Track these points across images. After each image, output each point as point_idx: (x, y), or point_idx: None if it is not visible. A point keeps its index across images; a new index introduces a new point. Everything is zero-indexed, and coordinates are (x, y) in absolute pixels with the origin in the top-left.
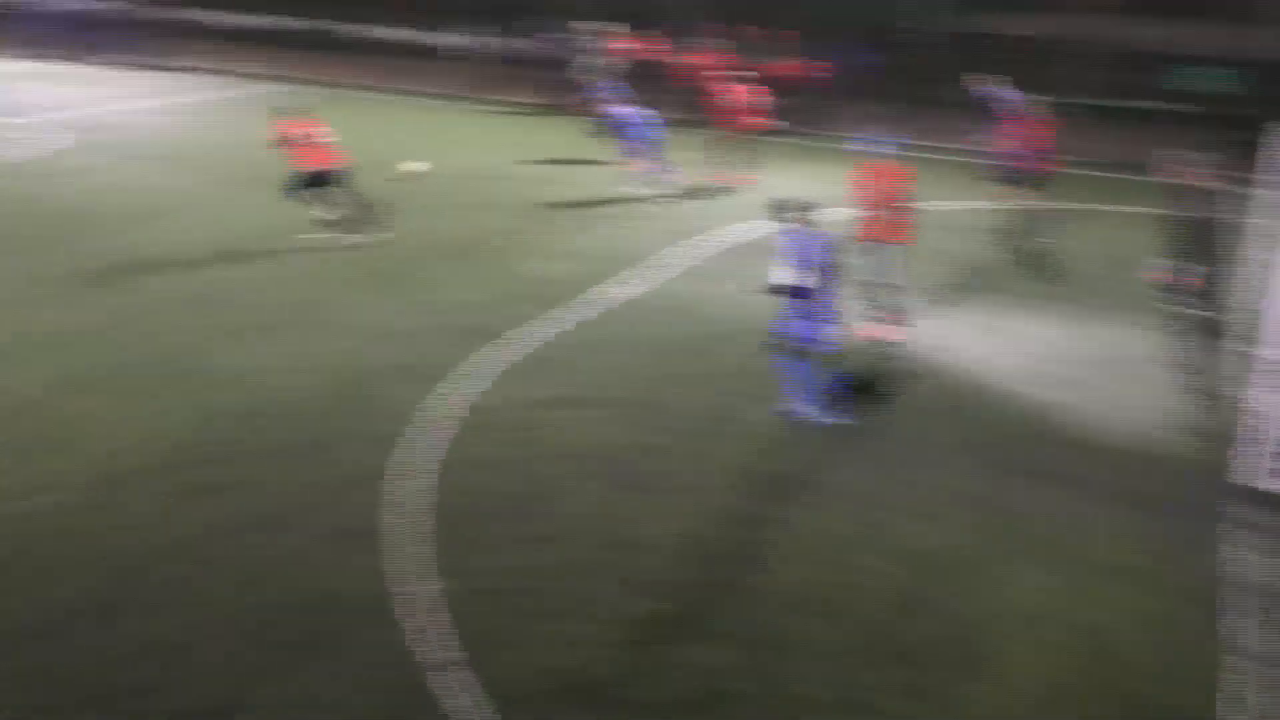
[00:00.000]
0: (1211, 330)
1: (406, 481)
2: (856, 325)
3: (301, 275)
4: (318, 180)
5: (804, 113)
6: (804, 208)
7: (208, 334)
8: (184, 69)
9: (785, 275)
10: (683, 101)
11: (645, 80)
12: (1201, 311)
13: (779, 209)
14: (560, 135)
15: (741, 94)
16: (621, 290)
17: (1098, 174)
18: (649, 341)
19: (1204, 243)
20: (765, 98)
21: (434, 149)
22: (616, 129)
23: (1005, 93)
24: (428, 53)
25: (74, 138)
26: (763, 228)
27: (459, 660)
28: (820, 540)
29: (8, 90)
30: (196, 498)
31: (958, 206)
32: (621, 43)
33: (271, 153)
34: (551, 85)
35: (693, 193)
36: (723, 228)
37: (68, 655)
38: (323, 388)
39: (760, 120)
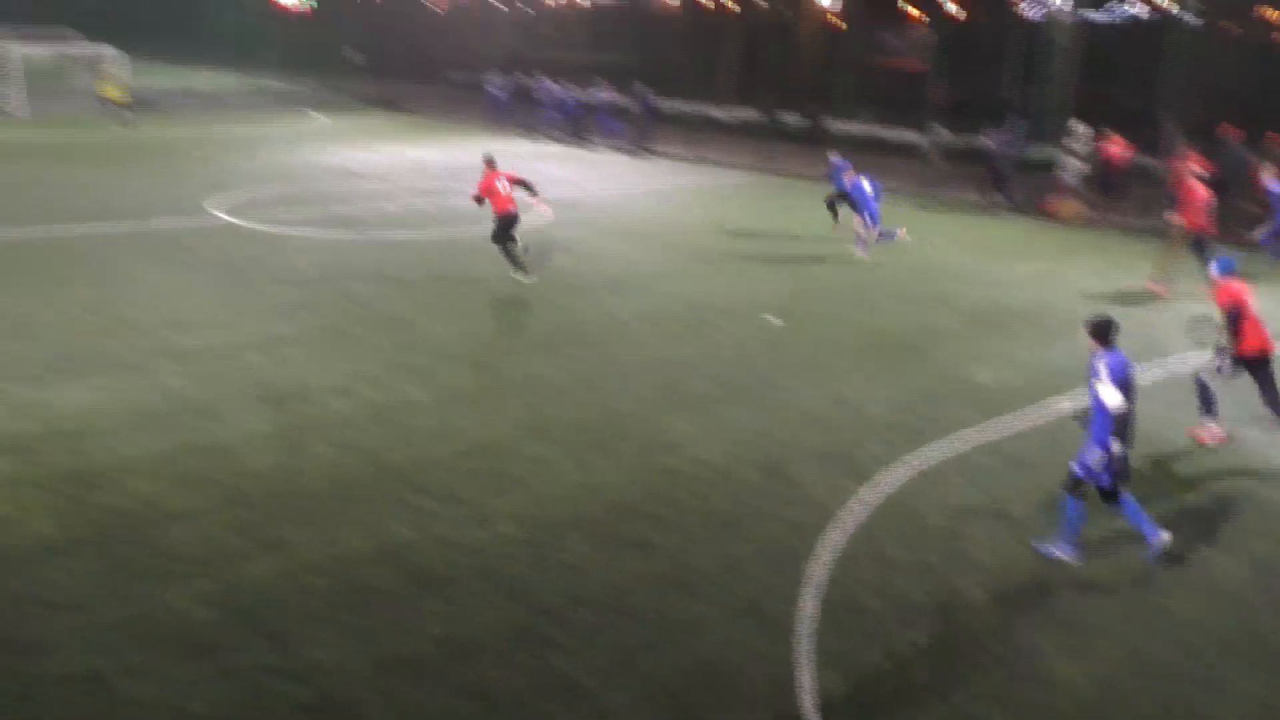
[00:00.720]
0: None
1: (813, 566)
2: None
3: (747, 354)
4: (508, 224)
5: None
6: (1104, 326)
7: (655, 400)
8: (663, 155)
9: (1113, 399)
10: (1147, 205)
11: (1111, 182)
12: None
13: (1099, 328)
14: (1017, 235)
15: (1202, 197)
16: (1062, 405)
17: None
18: None
19: None
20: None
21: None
22: (863, 200)
23: (1270, 183)
24: (896, 149)
25: (558, 213)
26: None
27: None
28: (1258, 710)
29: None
30: (623, 550)
31: None
32: (1111, 145)
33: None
34: (1006, 184)
35: (1157, 308)
36: (1177, 348)
37: (484, 678)
38: (752, 464)
39: (1211, 226)
